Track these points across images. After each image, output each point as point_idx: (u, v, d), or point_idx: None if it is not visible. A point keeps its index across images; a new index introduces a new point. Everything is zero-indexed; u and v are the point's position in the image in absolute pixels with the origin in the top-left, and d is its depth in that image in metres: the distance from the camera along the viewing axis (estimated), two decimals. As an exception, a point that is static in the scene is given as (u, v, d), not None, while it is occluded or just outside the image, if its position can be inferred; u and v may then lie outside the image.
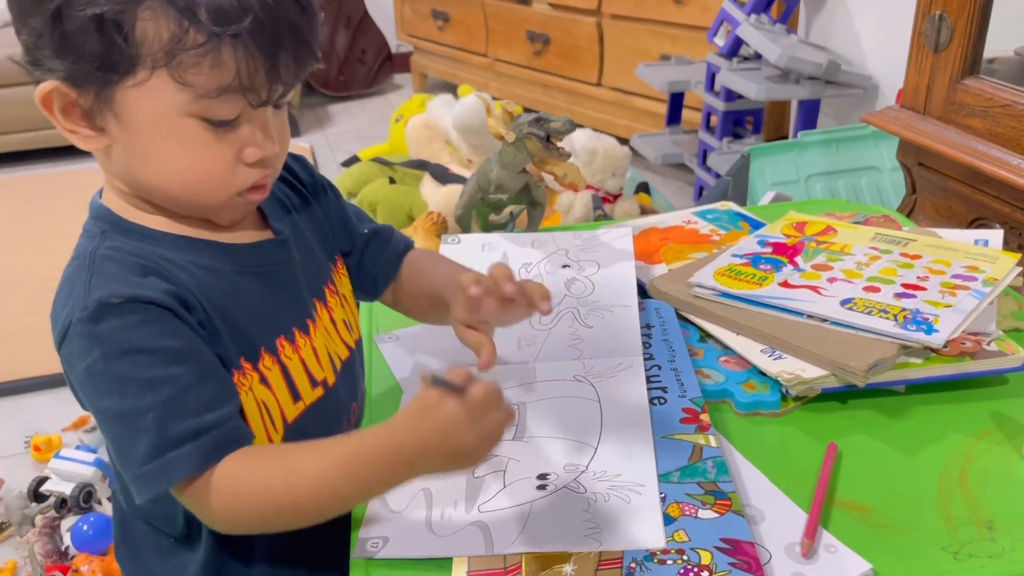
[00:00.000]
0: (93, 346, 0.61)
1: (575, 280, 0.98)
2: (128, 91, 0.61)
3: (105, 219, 0.69)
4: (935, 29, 1.31)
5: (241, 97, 0.62)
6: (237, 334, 0.69)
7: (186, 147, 0.64)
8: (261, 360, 0.70)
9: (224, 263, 0.70)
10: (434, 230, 1.15)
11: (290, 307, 0.74)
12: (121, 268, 0.64)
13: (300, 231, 0.79)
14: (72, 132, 0.65)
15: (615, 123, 2.93)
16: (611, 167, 2.27)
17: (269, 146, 0.67)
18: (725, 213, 1.18)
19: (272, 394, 0.71)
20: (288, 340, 0.73)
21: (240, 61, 0.60)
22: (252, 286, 0.71)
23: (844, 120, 2.23)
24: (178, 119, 0.63)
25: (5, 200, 3.07)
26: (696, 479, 0.69)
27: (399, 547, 0.65)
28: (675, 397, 0.79)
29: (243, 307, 0.70)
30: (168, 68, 0.60)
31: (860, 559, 0.62)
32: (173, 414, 0.61)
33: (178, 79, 0.60)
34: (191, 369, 0.63)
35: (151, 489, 0.62)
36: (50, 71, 0.62)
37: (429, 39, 3.90)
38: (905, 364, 0.80)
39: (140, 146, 0.64)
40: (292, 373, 0.72)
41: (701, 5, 2.53)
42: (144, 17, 0.59)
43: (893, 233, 1.01)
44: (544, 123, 1.00)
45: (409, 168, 2.44)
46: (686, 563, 0.61)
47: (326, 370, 0.76)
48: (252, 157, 0.66)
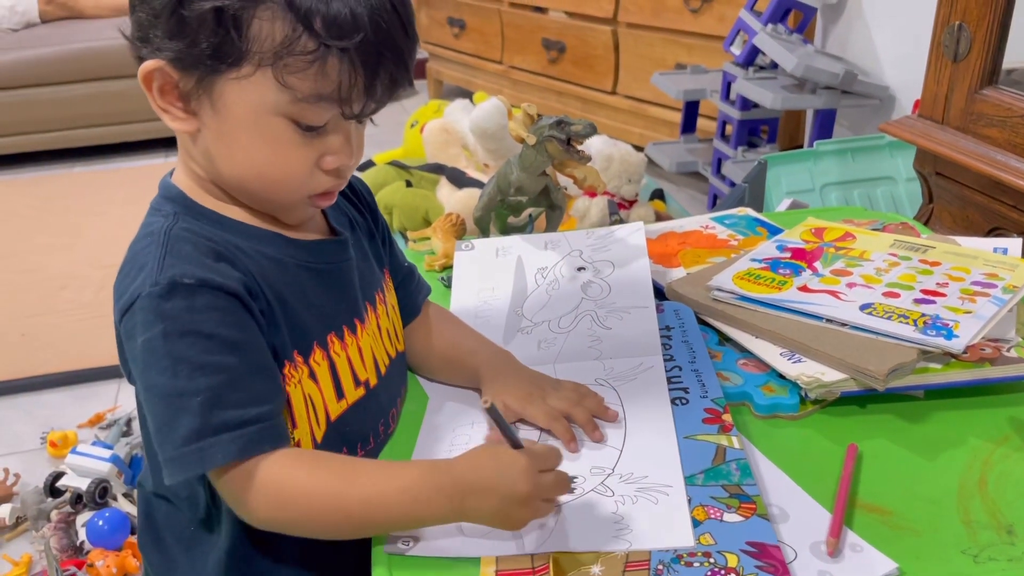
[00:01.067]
0: (156, 322, 0.62)
1: (591, 283, 0.98)
2: (229, 82, 0.64)
3: (177, 201, 0.71)
4: (954, 39, 1.31)
5: (335, 107, 0.65)
6: (294, 326, 0.71)
7: (272, 145, 0.66)
8: (313, 354, 0.72)
9: (289, 256, 0.72)
10: (452, 232, 1.16)
11: (343, 305, 0.76)
12: (195, 249, 0.66)
13: (358, 239, 0.82)
14: (165, 111, 0.67)
15: (630, 131, 2.93)
16: (627, 173, 2.27)
17: (348, 158, 0.69)
18: (743, 218, 1.18)
19: (318, 389, 0.73)
20: (338, 337, 0.75)
21: (343, 73, 0.63)
22: (312, 281, 0.73)
23: (860, 130, 2.23)
24: (271, 117, 0.65)
25: (23, 200, 3.09)
26: (720, 482, 0.69)
27: (429, 546, 0.66)
28: (696, 398, 0.80)
29: (302, 300, 0.72)
30: (273, 68, 0.62)
31: (886, 558, 0.62)
32: (219, 401, 0.62)
33: (280, 80, 0.63)
34: (245, 360, 0.64)
35: (185, 470, 0.63)
36: (158, 51, 0.64)
37: (445, 46, 3.92)
38: (924, 369, 0.81)
39: (229, 136, 0.67)
40: (339, 370, 0.74)
41: (717, 15, 2.54)
42: (262, 16, 0.61)
43: (912, 240, 1.01)
44: (565, 126, 1.01)
45: (426, 172, 2.44)
46: (713, 566, 0.61)
47: (369, 371, 0.78)
48: (331, 165, 0.69)
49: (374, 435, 0.79)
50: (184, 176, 0.72)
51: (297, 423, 0.71)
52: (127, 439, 1.69)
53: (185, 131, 0.68)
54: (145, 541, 0.81)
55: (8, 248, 2.68)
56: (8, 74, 3.27)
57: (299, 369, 0.71)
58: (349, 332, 0.76)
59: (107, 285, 0.67)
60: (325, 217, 0.79)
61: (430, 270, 1.10)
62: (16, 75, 3.27)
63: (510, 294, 0.99)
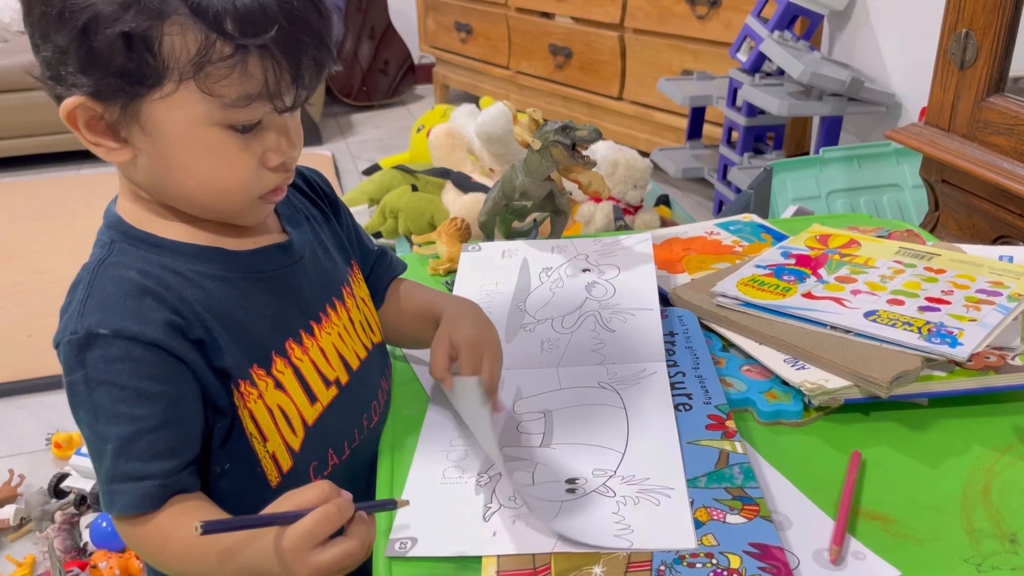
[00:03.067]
0: (77, 368, 0.64)
1: (596, 284, 0.99)
2: (155, 103, 0.62)
3: (116, 228, 0.70)
4: (961, 47, 1.31)
5: (266, 104, 0.63)
6: (248, 340, 0.70)
7: (212, 156, 0.65)
8: (274, 364, 0.72)
9: (232, 270, 0.71)
10: (457, 236, 1.16)
11: (297, 309, 0.75)
12: (118, 290, 0.65)
13: (317, 236, 0.81)
14: (96, 145, 0.65)
15: (636, 137, 2.93)
16: (632, 179, 2.28)
17: (291, 149, 0.68)
18: (748, 225, 1.18)
19: (289, 398, 0.72)
20: (297, 342, 0.74)
21: (266, 70, 0.62)
22: (261, 290, 0.72)
23: (866, 137, 2.23)
24: (204, 129, 0.64)
25: (29, 202, 3.11)
26: (723, 484, 0.69)
27: (428, 547, 0.66)
28: (700, 404, 0.80)
29: (253, 313, 0.71)
30: (195, 80, 0.61)
31: (889, 566, 0.62)
32: (125, 452, 0.63)
33: (205, 90, 0.61)
34: (156, 412, 0.64)
35: (106, 506, 0.66)
36: (74, 86, 0.62)
37: (452, 51, 3.93)
38: (929, 377, 0.80)
39: (166, 156, 0.65)
40: (305, 374, 0.74)
41: (724, 21, 2.54)
42: (171, 31, 0.59)
43: (917, 247, 1.01)
44: (570, 131, 1.01)
45: (431, 176, 2.45)
46: (715, 567, 0.61)
47: (338, 369, 0.77)
48: (274, 161, 0.67)
49: (358, 430, 0.79)
50: (125, 201, 0.71)
51: (268, 436, 0.71)
52: (131, 441, 1.69)
53: (121, 161, 0.67)
54: None
55: (15, 249, 2.69)
56: (17, 76, 3.28)
57: (262, 381, 0.70)
58: (307, 335, 0.75)
59: None
60: (279, 218, 0.78)
61: (434, 274, 1.10)
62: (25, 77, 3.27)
63: (513, 290, 0.99)
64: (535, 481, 0.71)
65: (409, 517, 0.68)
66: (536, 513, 0.67)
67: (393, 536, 0.67)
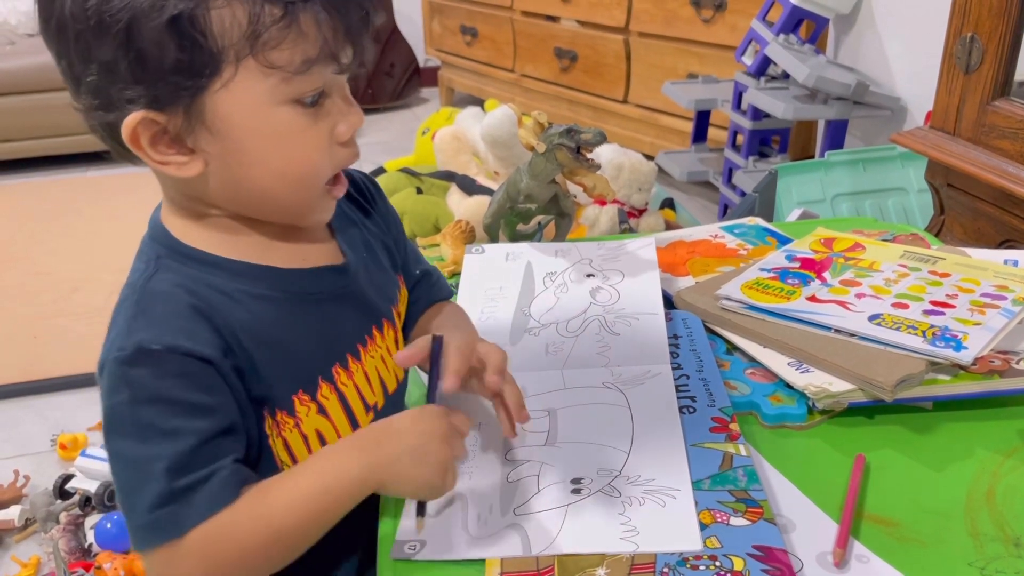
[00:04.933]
0: (123, 388, 0.59)
1: (600, 288, 0.99)
2: (217, 95, 0.60)
3: (162, 242, 0.67)
4: (966, 50, 1.31)
5: (327, 65, 0.61)
6: (293, 365, 0.67)
7: (285, 139, 0.63)
8: (319, 390, 0.69)
9: (282, 290, 0.68)
10: (462, 239, 1.16)
11: (345, 334, 0.72)
12: (168, 309, 0.62)
13: (371, 248, 0.78)
14: (164, 164, 0.62)
15: (641, 140, 2.93)
16: (637, 182, 2.28)
17: (356, 116, 0.66)
18: (752, 228, 1.18)
19: (331, 423, 0.70)
20: (342, 367, 0.71)
21: (320, 25, 0.59)
22: (310, 314, 0.69)
23: (871, 141, 2.23)
24: (272, 109, 0.61)
25: (37, 203, 3.12)
26: (727, 487, 0.69)
27: (436, 549, 0.66)
28: (704, 406, 0.80)
29: (301, 337, 0.68)
30: (253, 55, 0.58)
31: (892, 570, 0.62)
32: (182, 468, 0.58)
33: (264, 63, 0.59)
34: (214, 424, 0.60)
35: (157, 536, 0.58)
36: (129, 103, 0.59)
37: (457, 54, 3.93)
38: (933, 381, 0.80)
39: (238, 153, 0.62)
40: (349, 400, 0.71)
41: (729, 24, 2.54)
42: (218, 5, 0.57)
43: (922, 251, 1.01)
44: (575, 134, 1.01)
45: (436, 179, 2.46)
46: (719, 569, 0.61)
47: (377, 394, 0.75)
48: (346, 132, 0.65)
49: None
50: (170, 213, 0.68)
51: None
52: (136, 442, 1.70)
53: (193, 175, 0.63)
54: None
55: (22, 251, 2.70)
56: (24, 79, 3.30)
57: (304, 407, 0.68)
58: (353, 359, 0.72)
59: (119, 289, 0.66)
60: (332, 232, 0.75)
61: (439, 276, 1.10)
62: (32, 80, 3.30)
63: (517, 294, 0.99)
64: (540, 483, 0.72)
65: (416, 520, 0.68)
66: (543, 515, 0.67)
67: (401, 539, 0.67)
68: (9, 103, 3.34)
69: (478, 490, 0.71)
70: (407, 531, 0.67)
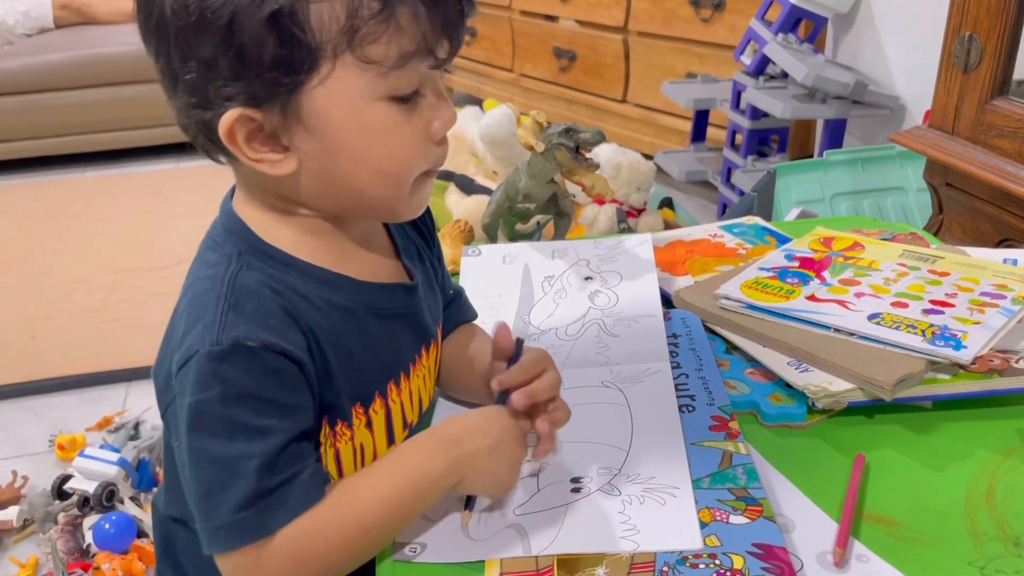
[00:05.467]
0: (214, 384, 0.58)
1: (599, 292, 0.99)
2: (314, 92, 0.59)
3: (241, 236, 0.65)
4: (965, 49, 1.31)
5: (424, 60, 0.61)
6: (358, 376, 0.67)
7: (382, 136, 0.62)
8: (372, 404, 0.69)
9: (358, 302, 0.68)
10: (461, 238, 1.16)
11: (403, 351, 0.73)
12: (261, 307, 0.61)
13: (427, 271, 0.78)
14: (259, 161, 0.62)
15: (640, 140, 2.93)
16: (636, 181, 2.28)
17: (449, 113, 0.65)
18: (751, 227, 1.18)
19: (372, 437, 0.70)
20: (395, 384, 0.72)
21: (417, 19, 0.59)
22: (379, 327, 0.70)
23: (870, 140, 2.23)
24: (368, 106, 0.60)
25: (35, 204, 3.11)
26: (727, 485, 0.69)
27: (437, 552, 0.65)
28: (703, 405, 0.79)
29: (368, 349, 0.68)
30: (351, 50, 0.58)
31: (893, 569, 0.62)
32: (273, 466, 0.58)
33: (362, 58, 0.58)
34: (298, 423, 0.61)
35: (242, 537, 0.58)
36: (227, 100, 0.59)
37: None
38: (933, 380, 0.80)
39: (334, 150, 0.62)
40: (393, 417, 0.72)
41: (728, 24, 2.54)
42: (316, 11, 0.57)
43: (921, 250, 1.01)
44: (573, 134, 1.01)
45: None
46: (719, 567, 0.61)
47: (415, 412, 0.75)
48: (441, 129, 0.65)
49: None
50: (252, 208, 0.67)
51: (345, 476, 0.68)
52: (134, 443, 1.69)
53: (287, 173, 0.62)
54: (163, 567, 0.78)
55: (20, 251, 2.70)
56: (22, 79, 3.30)
57: (357, 419, 0.68)
58: (404, 377, 0.73)
59: (117, 289, 0.65)
60: (395, 248, 0.75)
61: (437, 276, 1.10)
62: (30, 80, 3.30)
63: (517, 301, 0.99)
64: (539, 483, 0.71)
65: (419, 521, 0.68)
66: (543, 515, 0.67)
67: (401, 541, 0.66)
68: (7, 103, 3.33)
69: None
70: (408, 533, 0.67)
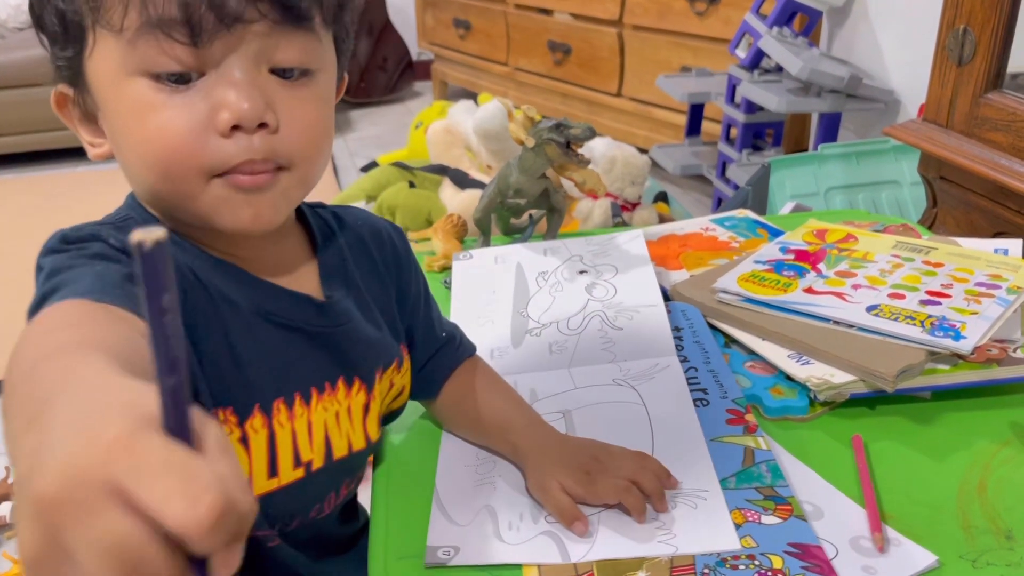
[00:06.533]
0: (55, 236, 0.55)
1: (596, 284, 0.98)
2: (89, 65, 0.55)
3: (137, 211, 0.60)
4: (959, 43, 1.31)
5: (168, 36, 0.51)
6: (235, 380, 0.59)
7: (138, 116, 0.53)
8: (251, 419, 0.60)
9: (247, 298, 0.60)
10: (453, 232, 1.16)
11: (303, 372, 0.63)
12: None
13: (367, 308, 0.69)
14: (90, 145, 0.59)
15: (635, 134, 2.93)
16: (630, 175, 2.28)
17: (231, 99, 0.53)
18: (743, 220, 1.18)
19: (248, 459, 0.60)
20: (287, 405, 0.62)
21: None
22: (269, 336, 0.61)
23: (865, 134, 2.23)
24: (127, 81, 0.53)
25: (27, 198, 3.10)
26: (753, 484, 0.69)
27: (471, 555, 0.64)
28: (717, 398, 0.79)
29: (255, 355, 0.60)
30: (94, 14, 0.52)
31: (925, 551, 0.62)
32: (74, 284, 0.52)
33: (104, 24, 0.52)
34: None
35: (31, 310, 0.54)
36: (57, 79, 0.57)
37: (450, 47, 3.92)
38: (933, 371, 0.80)
39: (113, 131, 0.56)
40: (278, 444, 0.62)
41: (723, 17, 2.54)
42: None
43: (914, 241, 1.01)
44: (564, 129, 1.00)
45: (429, 173, 2.45)
46: (759, 568, 0.60)
47: (316, 451, 0.64)
48: (223, 123, 0.53)
49: (301, 517, 0.67)
50: None
51: None
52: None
53: (101, 156, 0.58)
54: None
55: (12, 247, 2.69)
56: (13, 73, 3.28)
57: (228, 429, 0.58)
58: (302, 401, 0.63)
59: None
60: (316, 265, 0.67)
61: (429, 271, 1.09)
62: (21, 74, 3.28)
63: (512, 297, 0.98)
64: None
65: (448, 526, 0.67)
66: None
67: (432, 543, 0.65)
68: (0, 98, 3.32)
69: (505, 499, 0.69)
70: (440, 537, 0.65)
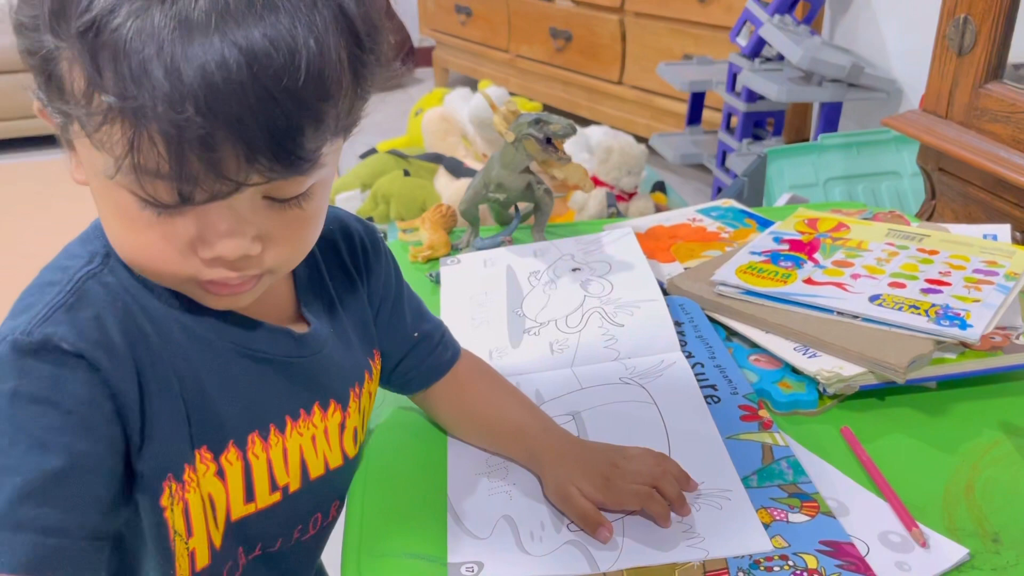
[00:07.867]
0: (9, 377, 0.50)
1: (590, 280, 0.95)
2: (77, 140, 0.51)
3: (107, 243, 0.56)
4: (959, 32, 1.29)
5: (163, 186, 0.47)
6: (208, 420, 0.58)
7: (124, 220, 0.51)
8: (225, 452, 0.59)
9: (222, 337, 0.59)
10: (442, 223, 1.14)
11: (278, 403, 0.62)
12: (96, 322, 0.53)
13: (340, 324, 0.67)
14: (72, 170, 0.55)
15: (635, 122, 2.91)
16: (626, 165, 2.26)
17: (229, 251, 0.50)
18: (728, 210, 1.16)
19: (224, 489, 0.60)
20: (261, 437, 0.61)
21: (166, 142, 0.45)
22: (244, 371, 0.60)
23: (866, 124, 2.20)
24: (113, 184, 0.49)
25: (26, 184, 3.10)
26: (776, 482, 0.67)
27: (496, 570, 0.61)
28: (727, 395, 0.77)
29: (227, 392, 0.59)
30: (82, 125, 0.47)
31: (957, 545, 0.61)
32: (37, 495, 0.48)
33: (94, 140, 0.47)
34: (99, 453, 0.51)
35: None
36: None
37: (451, 34, 3.90)
38: (940, 360, 0.79)
39: (97, 205, 0.53)
40: (254, 473, 0.61)
41: (725, 5, 2.51)
42: (65, 57, 0.47)
43: (906, 229, 0.99)
44: (543, 125, 0.97)
45: (424, 161, 2.43)
46: (793, 568, 0.58)
47: (292, 475, 0.64)
48: (207, 255, 0.51)
49: (284, 539, 0.66)
50: None
51: (194, 531, 0.58)
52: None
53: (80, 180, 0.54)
54: None
55: (12, 232, 2.68)
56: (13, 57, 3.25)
57: (205, 466, 0.58)
58: (276, 431, 0.62)
59: None
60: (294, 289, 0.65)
61: (414, 261, 1.07)
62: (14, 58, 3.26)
63: (505, 296, 0.95)
64: None
65: (467, 540, 0.64)
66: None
67: (454, 561, 0.62)
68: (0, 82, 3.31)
69: (523, 507, 0.67)
70: (461, 552, 0.62)
